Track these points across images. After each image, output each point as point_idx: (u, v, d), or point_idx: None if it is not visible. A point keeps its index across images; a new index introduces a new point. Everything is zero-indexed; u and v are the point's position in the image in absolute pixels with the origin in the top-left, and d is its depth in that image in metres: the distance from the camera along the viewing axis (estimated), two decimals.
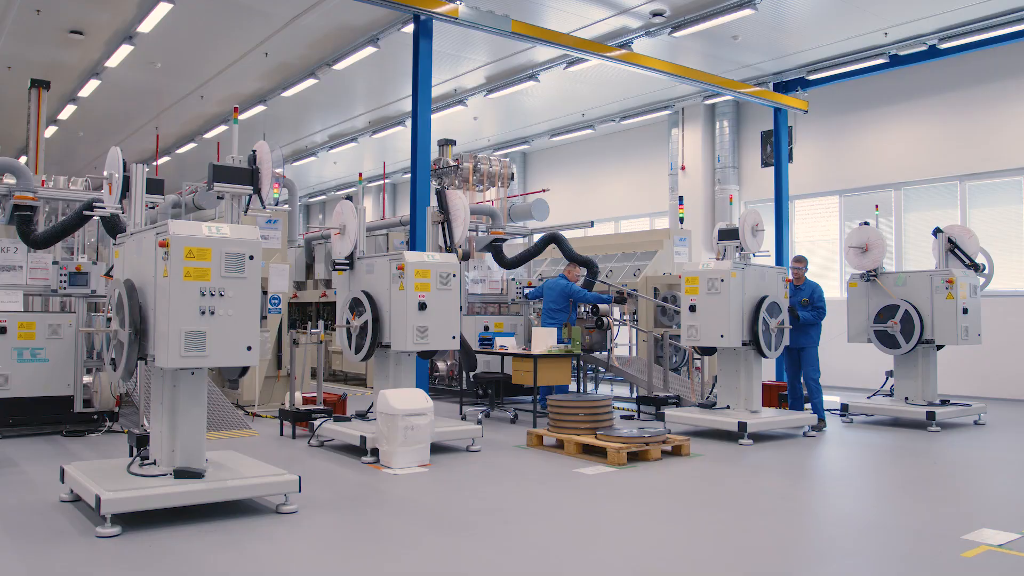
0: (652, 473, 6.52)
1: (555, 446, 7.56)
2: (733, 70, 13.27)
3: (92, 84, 14.12)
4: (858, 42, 12.09)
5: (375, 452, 6.84)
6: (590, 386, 12.67)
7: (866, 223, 9.83)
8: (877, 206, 10.58)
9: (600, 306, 10.65)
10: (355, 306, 7.60)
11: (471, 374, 9.65)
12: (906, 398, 9.48)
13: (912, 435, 8.62)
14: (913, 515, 5.31)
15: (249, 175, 5.38)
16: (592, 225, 12.30)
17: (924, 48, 11.81)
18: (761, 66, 13.23)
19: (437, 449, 7.39)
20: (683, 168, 15.67)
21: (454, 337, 7.29)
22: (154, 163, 18.58)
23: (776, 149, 13.46)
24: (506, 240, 11.38)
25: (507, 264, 11.19)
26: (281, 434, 8.35)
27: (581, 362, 11.67)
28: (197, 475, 4.99)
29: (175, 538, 4.56)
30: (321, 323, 8.44)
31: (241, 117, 16.29)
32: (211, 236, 4.92)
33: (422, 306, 7.08)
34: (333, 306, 13.40)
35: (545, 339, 9.44)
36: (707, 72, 12.35)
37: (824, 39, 11.99)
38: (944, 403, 9.28)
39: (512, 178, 12.77)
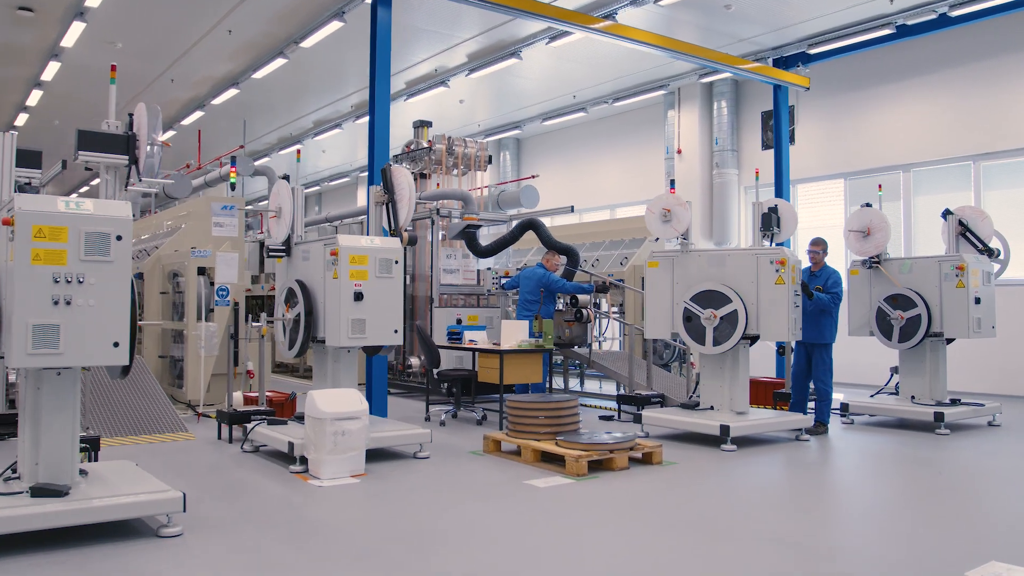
0: (614, 485, 5.72)
1: (514, 452, 6.78)
2: (729, 44, 12.38)
3: (53, 66, 13.45)
4: (862, 11, 11.15)
5: (305, 460, 6.09)
6: (574, 383, 11.88)
7: (868, 204, 8.94)
8: (880, 186, 9.68)
9: (579, 297, 9.85)
10: (290, 297, 6.85)
11: (435, 371, 8.87)
12: (912, 397, 8.60)
13: (918, 438, 7.76)
14: (910, 542, 4.48)
15: (124, 142, 4.61)
16: (572, 210, 11.47)
17: (934, 16, 10.86)
18: (759, 40, 12.32)
19: (381, 455, 6.64)
20: (679, 152, 14.79)
21: (396, 331, 6.51)
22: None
23: (776, 130, 12.55)
24: (480, 227, 10.59)
25: (481, 252, 10.42)
26: (219, 437, 7.61)
27: (561, 358, 10.93)
28: (58, 493, 4.24)
29: (17, 570, 3.81)
30: (263, 315, 7.68)
31: (216, 101, 15.72)
32: (67, 212, 4.15)
33: (358, 296, 6.31)
34: None
35: (515, 333, 8.66)
36: (699, 46, 11.44)
37: (826, 7, 11.07)
38: (954, 402, 8.40)
39: (490, 161, 11.97)
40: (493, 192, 13.36)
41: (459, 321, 10.44)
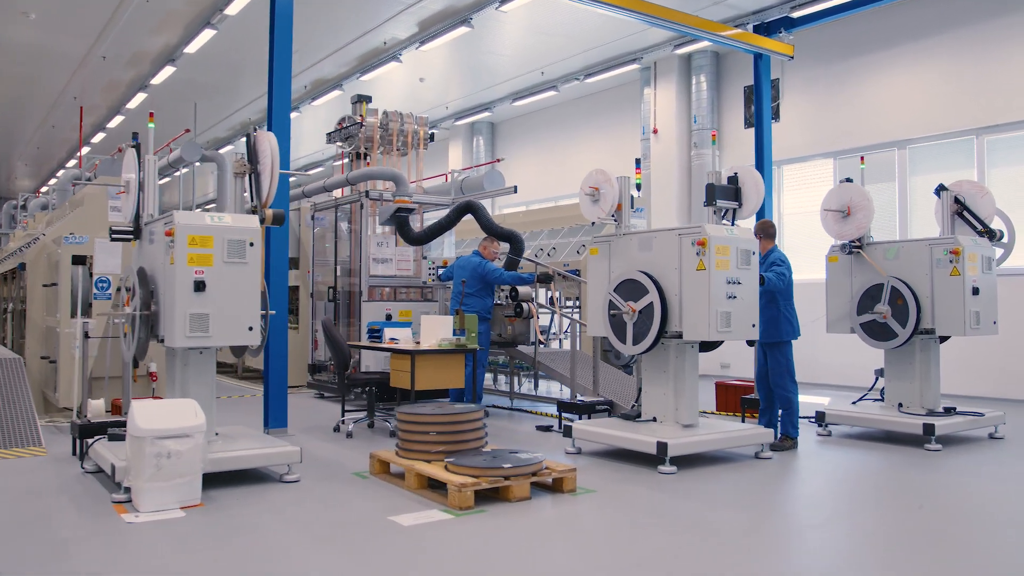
0: (500, 523, 4.51)
1: (403, 476, 5.59)
2: (705, 8, 11.10)
3: None
4: None
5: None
6: (527, 385, 10.67)
7: (848, 180, 7.68)
8: (863, 158, 8.42)
9: (520, 289, 8.66)
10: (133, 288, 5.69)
11: (344, 374, 7.69)
12: (899, 404, 7.34)
13: (904, 456, 6.51)
14: None
15: None
16: (515, 191, 10.24)
17: None
18: (737, 3, 11.05)
19: (241, 478, 5.49)
20: (655, 131, 13.53)
21: (251, 328, 5.33)
22: (82, 141, 16.89)
23: (757, 104, 11.28)
24: (413, 210, 9.40)
25: (413, 239, 9.24)
26: (73, 453, 6.46)
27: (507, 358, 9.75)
28: None
29: None
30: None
31: (156, 81, 14.59)
32: None
33: (199, 286, 5.14)
34: (289, 292, 11.59)
35: (437, 330, 7.47)
36: (670, 8, 10.16)
37: None
38: (948, 411, 7.13)
39: (432, 139, 10.76)
40: (457, 178, 12.23)
41: (389, 317, 9.27)
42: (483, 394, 8.70)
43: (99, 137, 18.83)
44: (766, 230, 6.82)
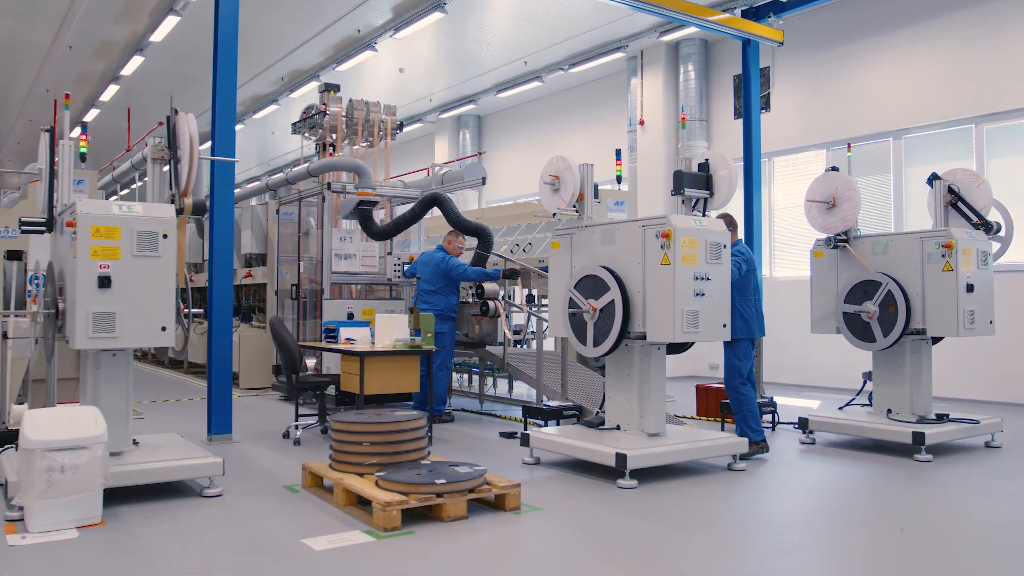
0: (426, 548, 4.01)
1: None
2: None
3: None
4: None
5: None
6: (503, 387, 10.17)
7: (834, 168, 7.17)
8: (850, 145, 7.90)
9: (486, 286, 8.18)
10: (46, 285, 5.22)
11: (295, 376, 7.20)
12: (888, 410, 6.82)
13: (891, 467, 5.99)
14: None
15: None
16: (484, 182, 9.75)
17: None
18: None
19: (160, 491, 4.99)
20: (641, 123, 13.00)
21: (165, 328, 4.84)
22: (57, 137, 16.43)
23: (745, 93, 10.74)
24: (376, 203, 8.90)
25: (377, 234, 8.74)
26: None
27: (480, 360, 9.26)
28: None
29: None
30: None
31: (126, 72, 14.12)
32: None
33: (103, 281, 4.65)
34: (258, 289, 11.20)
35: (392, 330, 6.99)
36: None
37: None
38: (941, 418, 6.60)
39: (400, 128, 10.27)
40: (438, 172, 11.75)
41: (351, 315, 8.78)
42: (447, 397, 8.21)
43: (75, 132, 18.33)
44: (728, 222, 6.31)
